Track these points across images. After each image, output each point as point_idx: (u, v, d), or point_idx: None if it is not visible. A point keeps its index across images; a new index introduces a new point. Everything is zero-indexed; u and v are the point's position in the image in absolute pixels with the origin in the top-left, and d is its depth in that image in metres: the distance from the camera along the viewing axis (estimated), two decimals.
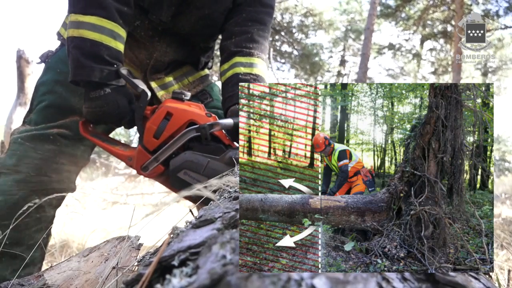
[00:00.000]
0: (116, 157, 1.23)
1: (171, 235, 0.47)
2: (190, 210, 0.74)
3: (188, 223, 0.52)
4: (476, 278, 0.49)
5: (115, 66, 1.08)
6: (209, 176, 1.07)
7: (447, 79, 13.62)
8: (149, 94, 1.13)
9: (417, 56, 14.33)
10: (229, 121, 1.11)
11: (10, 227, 1.00)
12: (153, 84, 1.40)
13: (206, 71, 1.61)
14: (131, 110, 1.13)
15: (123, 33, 1.12)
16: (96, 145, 1.45)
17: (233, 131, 1.15)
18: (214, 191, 0.77)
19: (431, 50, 14.25)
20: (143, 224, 0.73)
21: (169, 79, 1.44)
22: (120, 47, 1.11)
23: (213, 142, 1.11)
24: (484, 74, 13.86)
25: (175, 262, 0.35)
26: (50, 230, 1.35)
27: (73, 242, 2.40)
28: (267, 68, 1.42)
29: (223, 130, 1.12)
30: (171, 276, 0.32)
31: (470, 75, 13.63)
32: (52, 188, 1.27)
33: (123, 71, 1.10)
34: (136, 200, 4.90)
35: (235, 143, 1.16)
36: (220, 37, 1.53)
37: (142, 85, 1.11)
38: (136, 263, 0.72)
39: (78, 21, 1.05)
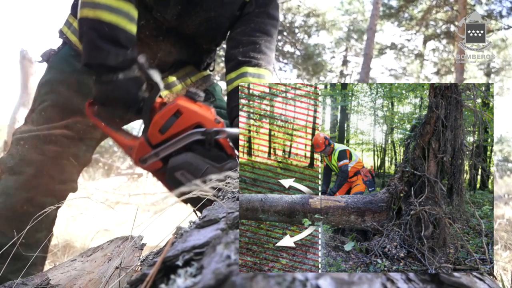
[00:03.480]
0: (117, 144, 1.22)
1: (175, 235, 0.48)
2: (194, 210, 0.75)
3: (192, 223, 0.52)
4: (480, 279, 0.49)
5: (129, 50, 1.08)
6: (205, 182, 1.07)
7: (450, 79, 13.58)
8: (162, 87, 1.13)
9: (420, 56, 14.30)
10: (235, 130, 1.11)
11: (25, 229, 1.00)
12: None
13: (208, 71, 1.62)
14: (140, 99, 1.12)
15: (136, 14, 1.12)
16: (97, 145, 1.46)
17: (238, 141, 1.15)
18: (217, 191, 0.77)
19: (433, 50, 14.22)
20: (146, 224, 0.74)
21: (172, 79, 1.45)
22: (134, 29, 1.11)
23: (216, 149, 1.11)
24: (487, 75, 13.81)
25: (180, 262, 0.35)
26: (52, 230, 1.36)
27: (76, 242, 2.41)
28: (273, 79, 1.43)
29: (228, 139, 1.12)
30: (175, 276, 0.33)
31: (473, 75, 13.58)
32: (54, 188, 1.28)
33: (141, 59, 1.09)
34: (138, 200, 4.91)
35: (236, 152, 1.16)
36: (223, 41, 1.53)
37: (157, 77, 1.11)
38: (139, 263, 0.73)
39: (93, 1, 1.03)
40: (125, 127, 1.31)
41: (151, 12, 1.27)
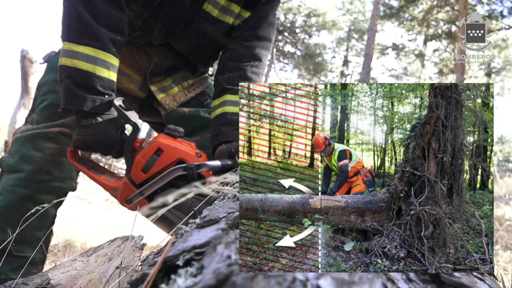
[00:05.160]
0: (101, 187, 1.22)
1: (176, 235, 0.48)
2: (194, 210, 0.75)
3: (192, 223, 0.52)
4: (481, 279, 0.49)
5: (107, 96, 1.09)
6: (191, 217, 1.07)
7: (450, 79, 13.59)
8: (141, 126, 1.14)
9: (421, 56, 14.31)
10: (216, 163, 1.11)
11: (24, 227, 1.01)
12: (153, 88, 1.41)
13: (207, 74, 1.62)
14: (120, 141, 1.13)
15: (116, 62, 1.13)
16: None
17: (221, 173, 1.14)
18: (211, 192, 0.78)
19: (434, 50, 14.23)
20: (147, 224, 0.74)
21: (169, 81, 1.46)
22: (113, 76, 1.12)
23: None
24: (488, 75, 13.82)
25: (180, 262, 0.35)
26: (51, 229, 1.36)
27: (76, 242, 2.41)
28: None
29: (210, 172, 1.11)
30: (176, 276, 0.33)
31: (474, 75, 13.59)
32: (53, 186, 1.29)
33: (117, 102, 1.10)
34: None
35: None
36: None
37: (134, 118, 1.12)
38: (139, 263, 0.74)
39: (72, 50, 1.05)
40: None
41: (139, 37, 1.29)
